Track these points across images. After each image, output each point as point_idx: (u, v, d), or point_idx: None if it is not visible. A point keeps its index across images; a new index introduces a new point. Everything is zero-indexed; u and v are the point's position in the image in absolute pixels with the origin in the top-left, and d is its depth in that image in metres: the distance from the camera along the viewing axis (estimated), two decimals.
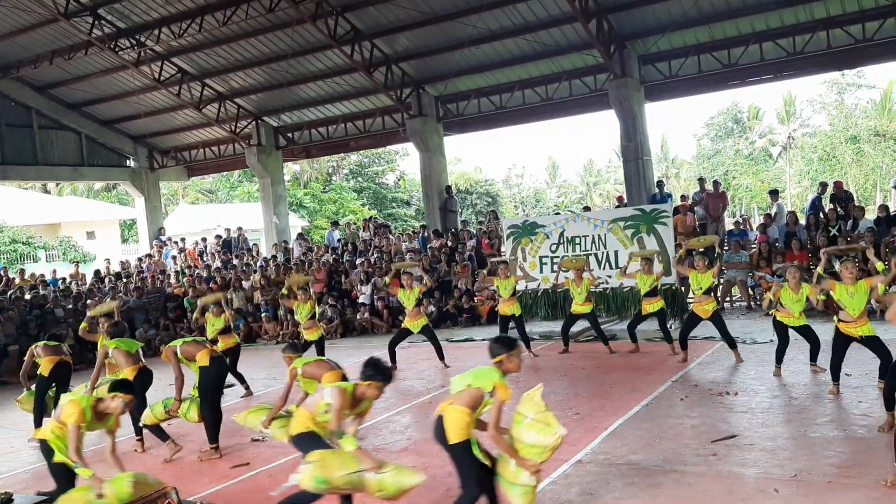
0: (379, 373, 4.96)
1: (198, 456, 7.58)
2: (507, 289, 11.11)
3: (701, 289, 9.54)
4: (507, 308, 11.09)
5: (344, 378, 6.26)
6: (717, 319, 9.43)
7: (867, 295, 7.06)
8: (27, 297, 17.44)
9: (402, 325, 11.16)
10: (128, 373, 7.74)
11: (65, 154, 22.96)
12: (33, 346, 9.24)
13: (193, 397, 7.54)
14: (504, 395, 4.61)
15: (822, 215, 14.55)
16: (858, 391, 7.52)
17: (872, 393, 7.08)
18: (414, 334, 11.03)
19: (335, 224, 22.88)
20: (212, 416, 7.49)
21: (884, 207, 14.76)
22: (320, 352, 10.80)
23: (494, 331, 12.47)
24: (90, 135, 23.38)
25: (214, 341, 10.08)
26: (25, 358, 9.25)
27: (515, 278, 11.40)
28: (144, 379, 7.92)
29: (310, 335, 11.09)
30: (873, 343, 7.02)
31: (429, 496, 5.87)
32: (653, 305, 10.44)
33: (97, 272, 21.72)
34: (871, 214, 16.00)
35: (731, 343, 9.53)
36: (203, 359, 7.45)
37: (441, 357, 10.93)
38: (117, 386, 5.61)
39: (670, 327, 12.06)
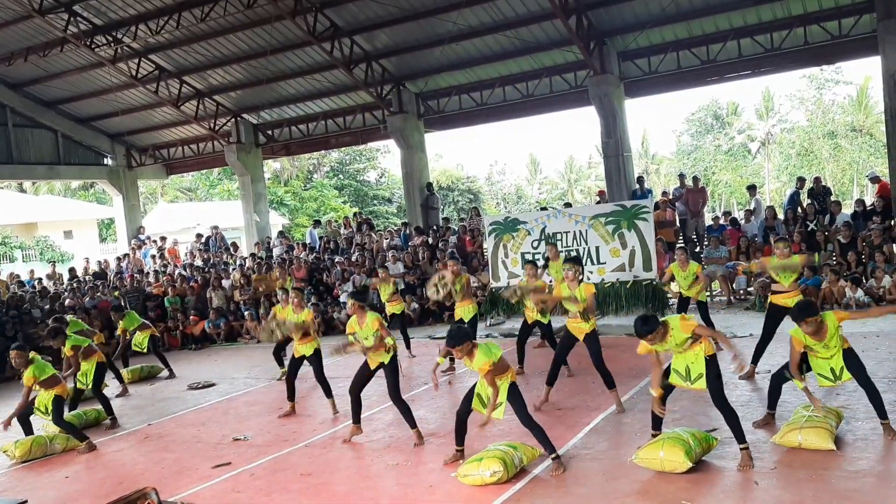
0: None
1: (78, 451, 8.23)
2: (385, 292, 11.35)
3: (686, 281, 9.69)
4: (461, 310, 10.23)
5: None
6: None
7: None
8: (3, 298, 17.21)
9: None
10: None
11: (41, 152, 22.62)
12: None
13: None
14: None
15: (800, 210, 14.71)
16: (839, 387, 7.59)
17: (850, 385, 7.15)
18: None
19: (317, 223, 22.74)
20: (70, 426, 8.50)
21: (860, 202, 14.95)
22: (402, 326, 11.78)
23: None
24: (66, 133, 23.06)
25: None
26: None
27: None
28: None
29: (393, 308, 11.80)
30: None
31: (412, 493, 5.87)
32: (464, 310, 10.06)
33: (72, 269, 21.48)
34: (847, 209, 16.20)
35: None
36: (61, 389, 8.44)
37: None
38: None
39: None
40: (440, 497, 5.71)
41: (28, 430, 8.59)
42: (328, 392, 8.64)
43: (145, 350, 12.50)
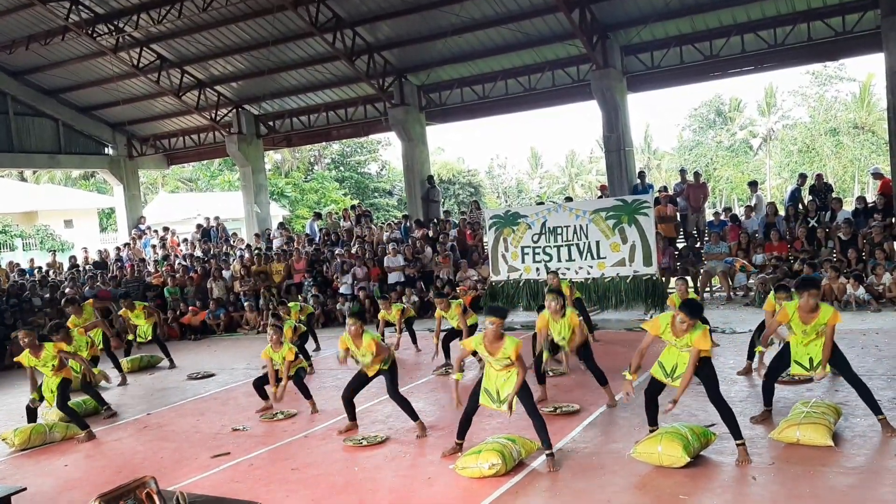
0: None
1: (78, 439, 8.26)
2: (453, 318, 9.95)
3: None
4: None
5: None
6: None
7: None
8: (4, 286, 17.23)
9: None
10: None
11: (42, 141, 22.59)
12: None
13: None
14: None
15: (801, 207, 14.70)
16: (835, 381, 7.62)
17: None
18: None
19: (318, 215, 22.70)
20: (73, 412, 8.52)
21: (861, 199, 14.94)
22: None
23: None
24: (67, 122, 23.03)
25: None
26: None
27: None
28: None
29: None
30: None
31: (410, 485, 5.88)
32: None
33: (73, 258, 21.49)
34: (849, 206, 16.19)
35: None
36: (67, 372, 8.50)
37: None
38: None
39: (650, 317, 12.17)
40: (438, 489, 5.72)
41: (31, 417, 8.62)
42: (306, 395, 8.53)
43: (149, 338, 12.50)
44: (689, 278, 11.16)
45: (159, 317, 13.20)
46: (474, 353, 6.40)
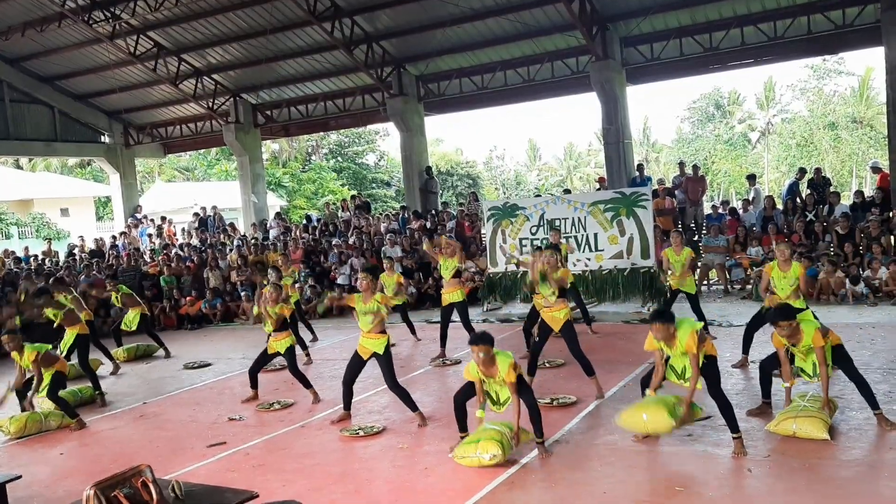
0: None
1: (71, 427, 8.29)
2: (448, 269, 9.99)
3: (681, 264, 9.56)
4: (449, 295, 10.06)
5: None
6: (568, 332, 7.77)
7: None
8: None
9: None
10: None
11: (37, 129, 22.47)
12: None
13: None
14: None
15: (799, 200, 14.70)
16: (833, 377, 7.61)
17: (845, 375, 7.17)
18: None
19: (308, 219, 22.51)
20: (64, 402, 8.47)
21: (859, 193, 14.93)
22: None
23: (473, 312, 12.49)
24: (64, 109, 22.91)
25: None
26: None
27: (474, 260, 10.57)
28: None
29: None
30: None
31: (407, 476, 5.88)
32: (452, 295, 9.96)
33: (71, 245, 21.43)
34: (846, 200, 16.19)
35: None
36: (61, 366, 8.51)
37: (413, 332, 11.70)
38: None
39: (648, 309, 12.17)
40: (435, 479, 5.72)
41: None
42: (306, 384, 8.50)
43: (134, 328, 12.39)
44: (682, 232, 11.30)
45: (145, 308, 12.98)
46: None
